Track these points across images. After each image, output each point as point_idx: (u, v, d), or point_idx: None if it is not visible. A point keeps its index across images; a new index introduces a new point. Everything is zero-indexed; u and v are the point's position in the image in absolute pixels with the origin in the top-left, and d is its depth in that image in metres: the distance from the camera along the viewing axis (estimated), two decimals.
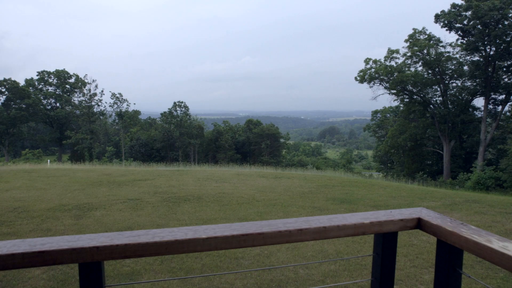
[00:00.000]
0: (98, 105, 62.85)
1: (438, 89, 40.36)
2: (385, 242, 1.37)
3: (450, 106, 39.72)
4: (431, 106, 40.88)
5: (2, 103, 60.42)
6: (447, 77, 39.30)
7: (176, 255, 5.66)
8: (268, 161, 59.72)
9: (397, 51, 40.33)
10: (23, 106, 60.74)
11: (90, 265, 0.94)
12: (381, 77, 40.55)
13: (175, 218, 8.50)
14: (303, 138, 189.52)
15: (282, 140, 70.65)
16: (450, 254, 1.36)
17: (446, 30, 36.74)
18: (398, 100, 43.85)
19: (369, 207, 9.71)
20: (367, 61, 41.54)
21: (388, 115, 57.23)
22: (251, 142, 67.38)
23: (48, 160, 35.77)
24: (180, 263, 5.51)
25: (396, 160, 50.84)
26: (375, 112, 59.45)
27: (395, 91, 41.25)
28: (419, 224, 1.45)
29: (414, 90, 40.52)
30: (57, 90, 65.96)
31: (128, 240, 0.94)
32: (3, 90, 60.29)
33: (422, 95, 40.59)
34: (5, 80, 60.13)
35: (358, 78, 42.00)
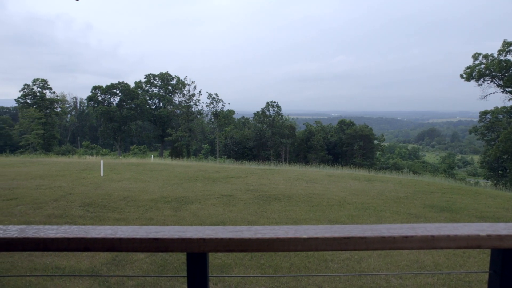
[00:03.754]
0: (196, 105, 67.07)
1: None
2: (506, 259, 1.21)
3: None
4: None
5: (116, 103, 68.01)
6: None
7: (265, 252, 5.78)
8: (360, 163, 57.69)
9: None
10: (133, 106, 67.64)
11: (197, 255, 1.03)
12: (493, 73, 36.36)
13: (265, 216, 8.69)
14: (399, 140, 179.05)
15: (376, 141, 67.68)
16: None
17: None
18: None
19: (474, 218, 8.80)
20: (475, 56, 37.62)
21: (501, 116, 51.04)
22: (343, 143, 65.74)
23: (152, 155, 39.20)
24: (269, 260, 5.61)
25: (509, 167, 45.19)
26: (484, 113, 53.53)
27: (510, 89, 36.65)
28: None
29: None
30: (161, 91, 72.06)
31: (232, 235, 1.00)
32: (118, 92, 67.82)
33: None
34: (119, 83, 67.66)
35: (465, 75, 38.26)
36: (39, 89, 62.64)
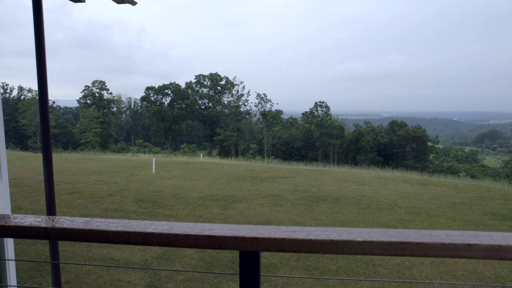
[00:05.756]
0: (245, 105, 67.81)
1: None
2: None
3: None
4: None
5: (168, 103, 70.49)
6: None
7: (312, 254, 5.71)
8: (412, 165, 55.39)
9: None
10: (183, 106, 69.75)
11: (250, 254, 1.04)
12: None
13: (312, 217, 8.60)
14: (455, 142, 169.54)
15: (429, 143, 64.64)
16: None
17: None
18: None
19: None
20: None
21: None
22: (395, 145, 63.44)
23: (201, 154, 40.20)
24: (316, 262, 5.55)
25: None
26: None
27: None
28: None
29: None
30: (210, 91, 73.70)
31: (285, 235, 0.99)
32: (169, 92, 70.27)
33: None
34: (170, 83, 70.07)
35: None
36: (97, 90, 66.47)
